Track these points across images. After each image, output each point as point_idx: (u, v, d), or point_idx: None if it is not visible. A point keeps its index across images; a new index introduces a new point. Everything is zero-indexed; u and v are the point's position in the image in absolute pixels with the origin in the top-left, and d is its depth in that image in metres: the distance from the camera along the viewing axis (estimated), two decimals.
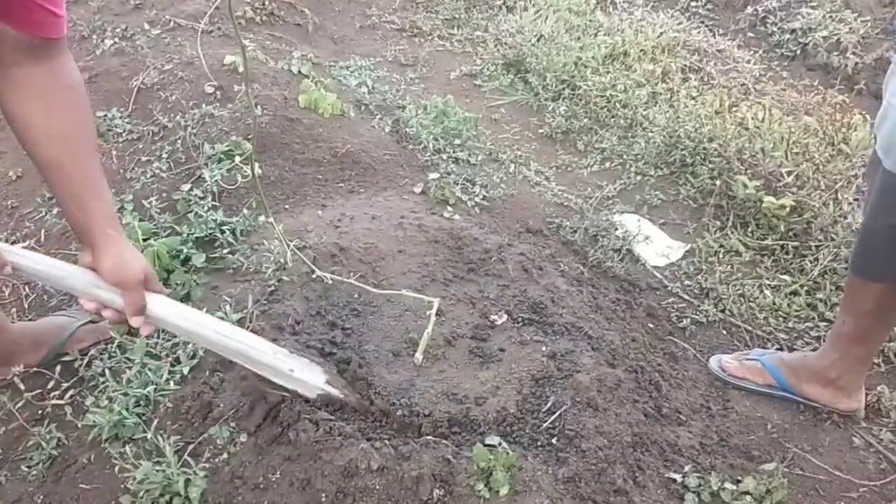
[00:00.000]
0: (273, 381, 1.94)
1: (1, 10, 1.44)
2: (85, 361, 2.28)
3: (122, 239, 1.68)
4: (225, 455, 1.93)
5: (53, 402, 2.21)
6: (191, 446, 1.97)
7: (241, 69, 3.51)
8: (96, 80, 3.54)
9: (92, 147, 1.58)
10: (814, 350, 2.59)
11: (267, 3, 4.52)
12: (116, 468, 1.92)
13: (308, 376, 1.97)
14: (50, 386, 2.25)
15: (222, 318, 2.08)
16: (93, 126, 1.58)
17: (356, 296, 2.46)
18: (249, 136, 3.07)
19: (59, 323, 2.36)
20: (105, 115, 3.29)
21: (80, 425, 2.12)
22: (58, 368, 2.27)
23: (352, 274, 2.51)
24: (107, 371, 2.18)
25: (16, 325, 2.32)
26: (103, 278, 1.66)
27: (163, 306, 1.77)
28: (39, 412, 2.20)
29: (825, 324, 2.76)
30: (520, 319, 2.43)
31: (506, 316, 2.44)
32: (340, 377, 2.06)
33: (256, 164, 2.03)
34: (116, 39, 3.84)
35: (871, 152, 2.12)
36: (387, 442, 1.91)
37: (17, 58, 1.53)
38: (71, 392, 2.23)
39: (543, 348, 2.28)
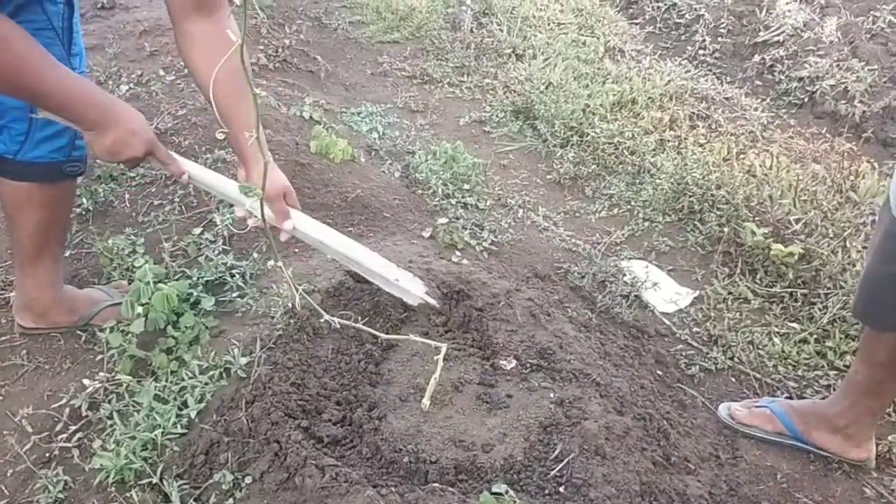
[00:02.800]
0: (382, 287, 2.43)
1: None
2: (88, 405, 2.28)
3: (266, 161, 1.90)
4: (230, 501, 1.93)
5: (61, 444, 2.21)
6: (197, 492, 1.97)
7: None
8: None
9: (245, 88, 1.74)
10: (824, 398, 2.58)
11: (280, 50, 4.60)
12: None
13: (411, 286, 2.48)
14: (58, 428, 2.25)
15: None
16: (241, 69, 1.74)
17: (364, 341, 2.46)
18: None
19: (95, 297, 2.60)
20: None
21: (86, 468, 2.12)
22: (66, 411, 2.28)
23: (360, 318, 2.51)
24: (114, 414, 2.19)
25: (64, 287, 2.56)
26: (266, 186, 1.93)
27: (298, 217, 2.20)
28: (46, 455, 2.20)
29: (835, 372, 2.75)
30: (528, 365, 2.42)
31: (514, 361, 2.44)
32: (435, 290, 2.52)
33: (267, 208, 2.09)
34: (132, 85, 3.90)
35: (883, 199, 2.13)
36: (393, 489, 1.90)
37: (186, 14, 1.94)
38: (78, 435, 2.23)
39: (551, 395, 2.28)
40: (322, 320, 2.45)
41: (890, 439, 2.51)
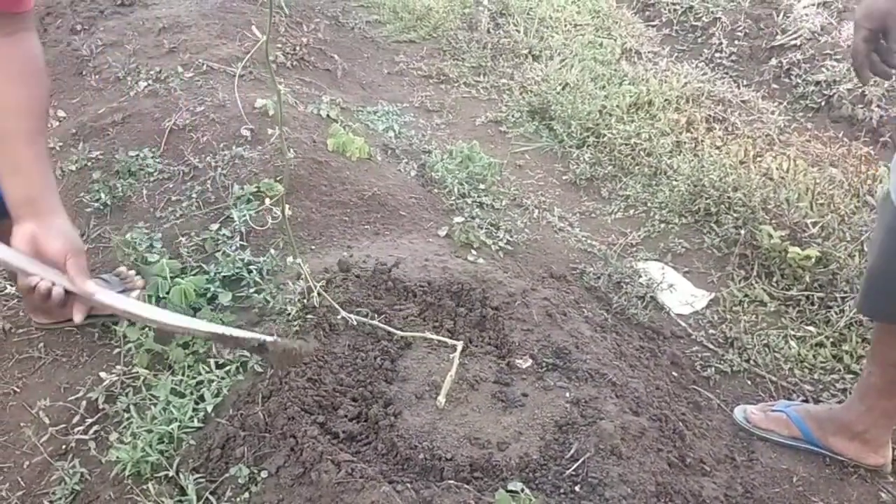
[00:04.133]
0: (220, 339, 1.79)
1: None
2: (105, 397, 2.29)
3: (63, 210, 1.60)
4: (246, 495, 1.94)
5: (77, 436, 2.22)
6: (213, 485, 1.98)
7: (271, 112, 3.57)
8: (129, 120, 3.61)
9: (44, 126, 1.57)
10: (840, 402, 2.56)
11: (298, 48, 4.61)
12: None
13: (244, 333, 1.78)
14: (74, 421, 2.27)
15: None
16: (47, 103, 1.58)
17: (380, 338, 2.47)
18: (278, 178, 3.12)
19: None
20: (137, 155, 3.35)
21: (103, 461, 2.13)
22: (82, 404, 2.29)
23: (376, 315, 2.52)
24: (131, 407, 2.20)
25: None
26: (46, 247, 1.53)
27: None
28: (63, 447, 2.21)
29: (851, 376, 2.74)
30: (543, 364, 2.42)
31: (530, 360, 2.44)
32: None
33: (286, 206, 2.07)
34: (150, 81, 3.92)
35: (882, 193, 2.12)
36: (409, 485, 1.90)
37: None
38: (95, 427, 2.24)
39: (567, 394, 2.28)
40: (339, 317, 2.46)
41: None
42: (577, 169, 3.95)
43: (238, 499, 1.93)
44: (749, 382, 2.77)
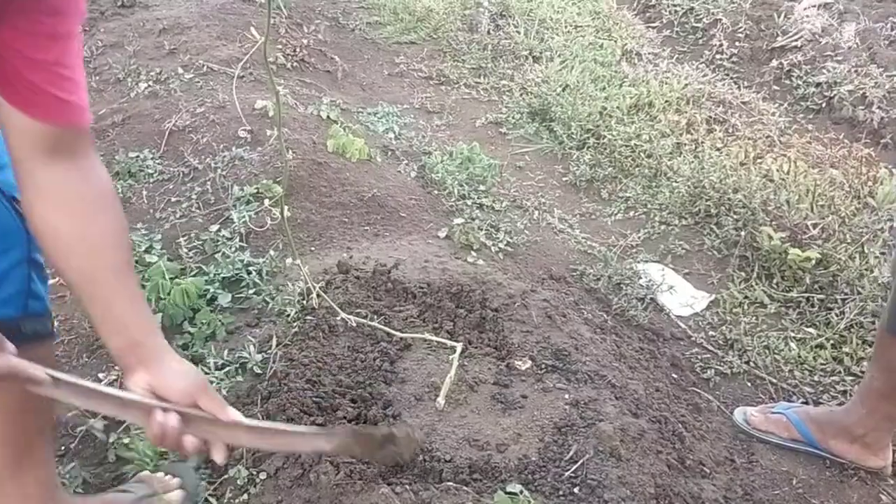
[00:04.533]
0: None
1: (7, 92, 1.28)
2: None
3: (170, 348, 1.44)
4: (245, 496, 1.93)
5: (78, 438, 2.22)
6: (212, 486, 1.98)
7: (271, 113, 3.57)
8: (129, 122, 3.61)
9: (129, 257, 1.42)
10: (840, 404, 2.56)
11: (298, 50, 4.61)
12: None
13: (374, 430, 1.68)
14: (74, 422, 2.26)
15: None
16: (127, 234, 1.42)
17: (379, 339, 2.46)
18: (278, 179, 3.12)
19: (118, 501, 2.00)
20: (137, 156, 3.35)
21: (102, 462, 2.13)
22: None
23: (375, 316, 2.52)
24: None
25: (74, 499, 2.01)
26: (168, 394, 1.36)
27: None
28: (62, 447, 2.21)
29: (851, 378, 2.73)
30: (543, 366, 2.42)
31: (530, 361, 2.44)
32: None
33: (285, 207, 2.06)
34: (150, 83, 3.92)
35: None
36: (407, 487, 1.90)
37: (37, 155, 1.33)
38: (95, 427, 2.24)
39: (566, 396, 2.27)
40: (338, 318, 2.46)
41: None
42: (578, 170, 3.95)
43: (237, 500, 1.93)
44: (749, 384, 2.76)
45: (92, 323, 1.41)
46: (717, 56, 5.37)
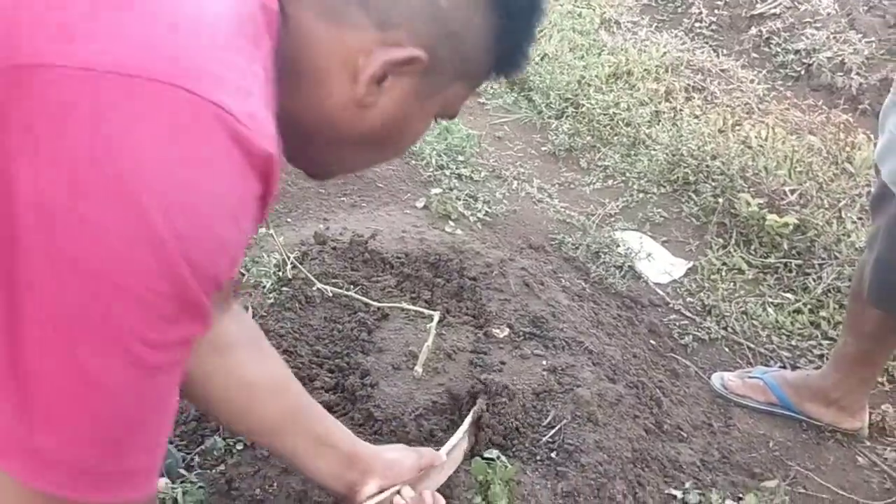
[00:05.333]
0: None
1: None
2: None
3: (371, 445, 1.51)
4: (222, 466, 1.92)
5: None
6: (189, 457, 1.96)
7: None
8: None
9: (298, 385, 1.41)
10: (817, 368, 2.58)
11: None
12: None
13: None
14: None
15: None
16: None
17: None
18: None
19: None
20: None
21: None
22: None
23: (353, 287, 2.50)
24: None
25: None
26: (398, 480, 1.49)
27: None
28: None
29: (828, 342, 2.75)
30: (521, 333, 2.42)
31: (508, 329, 2.43)
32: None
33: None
34: None
35: (876, 185, 2.11)
36: None
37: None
38: None
39: (544, 362, 2.27)
40: (314, 289, 2.44)
41: (883, 408, 2.52)
42: (556, 140, 3.93)
43: (214, 470, 1.92)
44: (727, 350, 2.77)
45: (290, 462, 1.44)
46: (697, 24, 5.35)
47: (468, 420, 1.91)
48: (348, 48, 0.89)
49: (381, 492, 1.43)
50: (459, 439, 1.80)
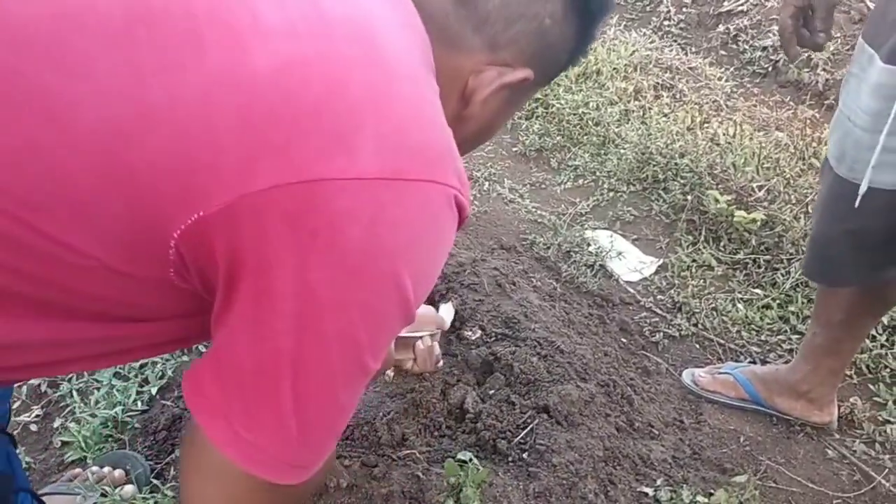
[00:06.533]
0: None
1: None
2: (48, 383, 2.25)
3: None
4: None
5: (23, 420, 2.18)
6: (159, 466, 1.96)
7: None
8: None
9: None
10: (786, 363, 2.60)
11: None
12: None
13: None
14: (17, 406, 2.22)
15: None
16: None
17: None
18: None
19: None
20: None
21: (47, 448, 2.10)
22: (23, 390, 2.25)
23: None
24: (74, 392, 2.16)
25: None
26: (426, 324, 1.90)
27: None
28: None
29: (797, 336, 2.78)
30: (493, 335, 2.42)
31: (480, 331, 2.44)
32: None
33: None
34: None
35: (823, 159, 2.15)
36: (356, 459, 1.90)
37: None
38: (37, 412, 2.20)
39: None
40: None
41: (851, 401, 2.54)
42: (527, 140, 3.94)
43: None
44: (697, 346, 2.79)
45: None
46: (665, 22, 5.39)
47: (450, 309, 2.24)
48: (462, 70, 1.01)
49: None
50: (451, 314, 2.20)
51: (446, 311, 2.16)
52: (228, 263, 0.81)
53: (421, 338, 1.84)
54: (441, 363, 1.96)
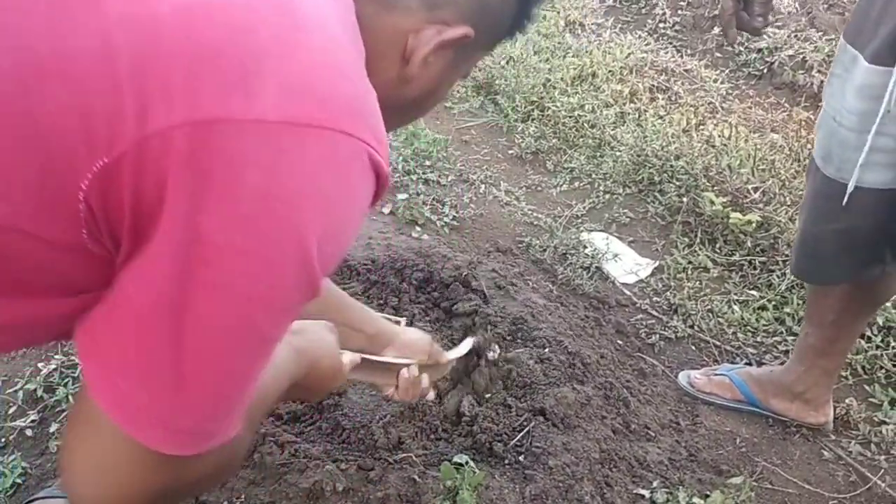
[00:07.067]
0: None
1: None
2: (44, 388, 2.25)
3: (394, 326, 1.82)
4: None
5: (19, 425, 2.18)
6: None
7: None
8: None
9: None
10: (782, 364, 2.61)
11: None
12: None
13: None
14: (12, 411, 2.22)
15: None
16: None
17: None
18: None
19: None
20: None
21: (44, 452, 2.09)
22: (19, 395, 2.25)
23: None
24: (70, 397, 2.16)
25: None
26: (411, 355, 1.80)
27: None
28: (2, 440, 2.17)
29: (793, 337, 2.78)
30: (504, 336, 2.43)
31: (498, 350, 2.36)
32: None
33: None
34: None
35: (809, 159, 2.16)
36: (353, 463, 1.90)
37: None
38: (33, 417, 2.20)
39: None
40: None
41: (847, 402, 2.55)
42: (523, 143, 3.95)
43: None
44: (693, 348, 2.80)
45: None
46: (660, 25, 5.39)
47: (468, 344, 2.11)
48: (400, 30, 0.99)
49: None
50: (459, 355, 2.05)
51: (464, 346, 2.08)
52: (133, 212, 0.77)
53: (408, 366, 1.72)
54: (431, 395, 1.86)
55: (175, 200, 0.75)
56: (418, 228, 3.08)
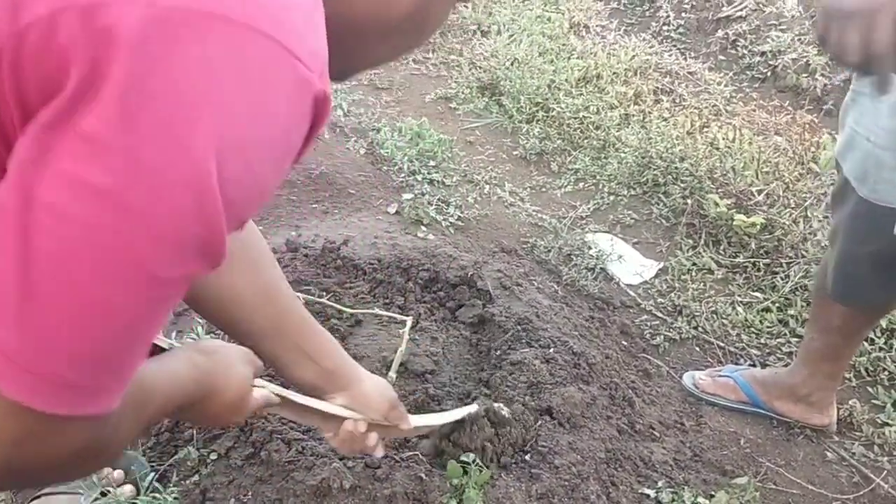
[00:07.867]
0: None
1: None
2: None
3: (360, 369, 1.52)
4: (196, 477, 1.92)
5: None
6: (162, 467, 1.96)
7: None
8: None
9: (294, 299, 1.41)
10: (785, 366, 2.62)
11: None
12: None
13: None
14: None
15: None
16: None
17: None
18: None
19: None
20: None
21: None
22: None
23: (325, 294, 2.51)
24: None
25: None
26: (365, 411, 1.48)
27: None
28: None
29: (796, 339, 2.79)
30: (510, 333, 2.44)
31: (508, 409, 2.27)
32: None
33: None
34: None
35: (837, 181, 2.13)
36: (360, 460, 1.91)
37: None
38: None
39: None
40: None
41: (850, 403, 2.56)
42: (527, 144, 3.96)
43: (188, 481, 1.92)
44: (697, 349, 2.81)
45: (275, 366, 1.42)
46: (665, 27, 5.41)
47: (455, 414, 1.92)
48: None
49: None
50: (435, 424, 1.85)
51: (457, 412, 1.93)
52: (22, 109, 0.67)
53: (356, 420, 1.46)
54: (379, 453, 1.56)
55: (57, 82, 0.64)
56: (423, 228, 3.09)
